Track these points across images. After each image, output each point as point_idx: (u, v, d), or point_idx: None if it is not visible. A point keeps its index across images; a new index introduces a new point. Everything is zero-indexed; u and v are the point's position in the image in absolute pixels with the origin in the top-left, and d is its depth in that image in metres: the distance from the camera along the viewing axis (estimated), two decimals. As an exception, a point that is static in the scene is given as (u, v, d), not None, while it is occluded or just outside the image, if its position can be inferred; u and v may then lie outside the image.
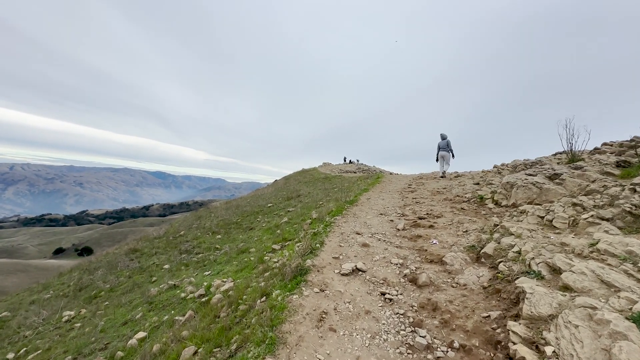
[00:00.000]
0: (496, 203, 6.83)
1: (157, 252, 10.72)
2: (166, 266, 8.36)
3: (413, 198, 8.80)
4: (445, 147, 12.44)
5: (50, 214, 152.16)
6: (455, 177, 12.89)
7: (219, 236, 10.86)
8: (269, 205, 15.32)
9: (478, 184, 9.47)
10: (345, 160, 44.25)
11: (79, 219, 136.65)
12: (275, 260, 5.10)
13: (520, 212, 5.09)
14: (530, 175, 6.94)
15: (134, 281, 7.68)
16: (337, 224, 6.04)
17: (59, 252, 62.69)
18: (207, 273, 6.56)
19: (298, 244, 5.40)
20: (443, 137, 12.52)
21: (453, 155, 12.62)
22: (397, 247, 4.86)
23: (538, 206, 5.00)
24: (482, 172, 13.15)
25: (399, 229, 5.72)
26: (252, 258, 6.36)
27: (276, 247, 6.35)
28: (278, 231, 8.49)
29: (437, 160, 12.83)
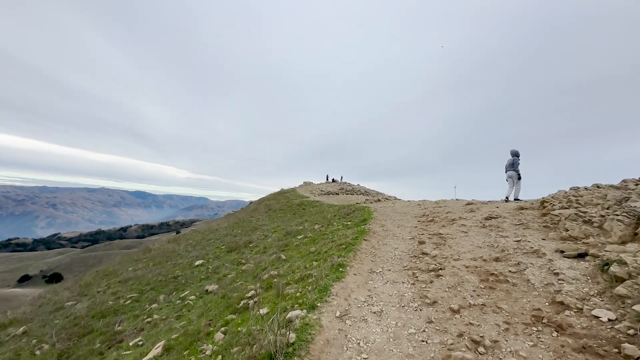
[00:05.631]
0: None
1: None
2: None
3: (453, 310, 3.59)
4: (510, 166, 10.10)
5: (18, 238, 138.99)
6: (486, 219, 7.90)
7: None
8: (197, 263, 9.84)
9: (583, 256, 4.38)
10: (327, 179, 39.33)
11: (50, 243, 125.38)
12: None
13: None
14: None
15: None
16: None
17: (24, 279, 55.32)
18: None
19: None
20: (512, 154, 10.22)
21: (519, 176, 9.96)
22: None
23: None
24: (519, 208, 8.22)
25: None
26: None
27: None
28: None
29: (506, 180, 10.42)
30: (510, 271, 4.47)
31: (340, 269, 4.82)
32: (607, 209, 6.19)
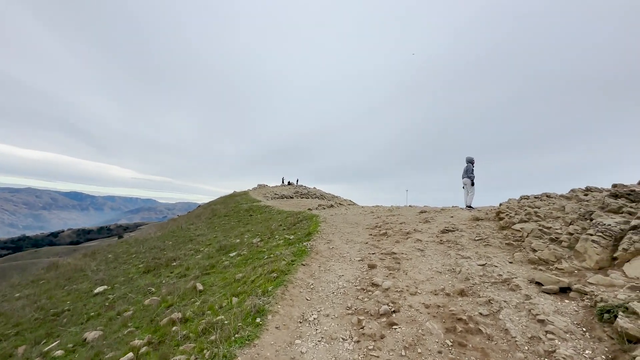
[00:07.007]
0: None
1: None
2: None
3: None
4: (464, 173, 10.04)
5: None
6: (442, 232, 7.05)
7: None
8: (98, 290, 7.68)
9: (566, 291, 3.42)
10: (283, 182, 37.80)
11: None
12: None
13: None
14: None
15: None
16: None
17: None
18: None
19: None
20: (467, 161, 10.15)
21: (472, 183, 9.84)
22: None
23: None
24: (474, 218, 7.60)
25: None
26: None
27: None
28: None
29: (462, 187, 10.33)
30: (481, 314, 3.39)
31: (258, 320, 3.36)
32: (571, 224, 5.58)
